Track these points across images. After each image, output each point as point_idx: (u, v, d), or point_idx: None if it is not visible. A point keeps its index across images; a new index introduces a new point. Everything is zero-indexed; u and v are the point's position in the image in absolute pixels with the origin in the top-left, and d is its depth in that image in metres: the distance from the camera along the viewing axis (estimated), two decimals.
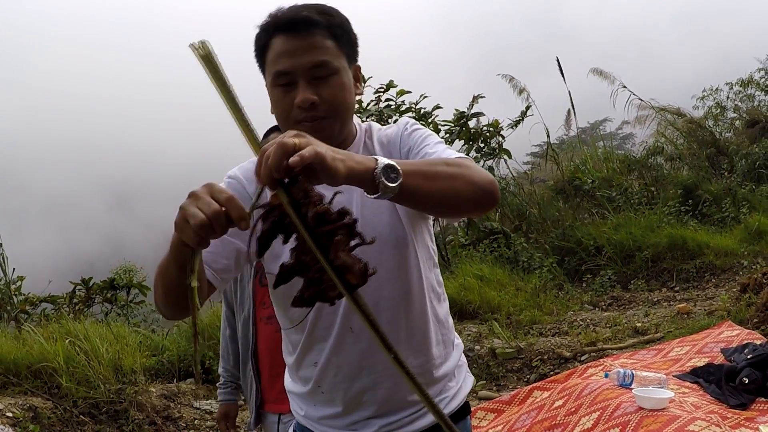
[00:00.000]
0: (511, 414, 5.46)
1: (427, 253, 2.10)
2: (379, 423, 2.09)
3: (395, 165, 1.52)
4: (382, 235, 1.96)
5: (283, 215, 1.29)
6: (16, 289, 9.91)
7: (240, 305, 3.54)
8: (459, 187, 1.70)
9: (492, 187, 1.78)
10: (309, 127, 1.87)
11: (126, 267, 11.67)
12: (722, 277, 9.69)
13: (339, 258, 1.26)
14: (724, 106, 16.12)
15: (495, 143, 12.20)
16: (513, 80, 14.82)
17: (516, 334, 8.28)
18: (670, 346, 6.46)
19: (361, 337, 2.01)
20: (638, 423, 4.33)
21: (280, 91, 1.93)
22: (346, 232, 1.28)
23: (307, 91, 1.89)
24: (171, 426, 7.09)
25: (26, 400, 6.54)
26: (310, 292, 1.31)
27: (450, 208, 1.78)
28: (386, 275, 1.98)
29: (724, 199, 11.84)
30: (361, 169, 1.47)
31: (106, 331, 7.76)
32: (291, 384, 2.26)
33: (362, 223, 1.94)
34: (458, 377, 2.23)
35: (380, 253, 1.95)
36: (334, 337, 2.04)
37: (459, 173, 1.72)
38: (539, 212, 12.69)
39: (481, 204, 1.80)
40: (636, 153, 15.84)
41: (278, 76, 1.92)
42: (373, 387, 2.06)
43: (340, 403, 2.09)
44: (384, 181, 1.49)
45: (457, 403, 2.19)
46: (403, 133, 2.07)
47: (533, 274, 10.33)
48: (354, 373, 2.05)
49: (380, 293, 1.99)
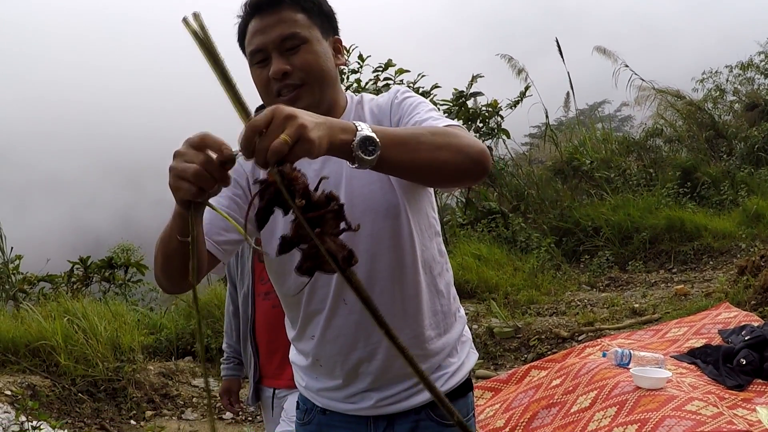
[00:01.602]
0: (508, 393, 5.47)
1: (425, 222, 2.08)
2: (376, 396, 2.09)
3: (373, 137, 1.50)
4: (374, 206, 1.96)
5: (279, 192, 1.29)
6: (14, 268, 9.93)
7: (240, 281, 3.55)
8: (445, 156, 1.68)
9: (481, 156, 1.74)
10: (288, 99, 1.91)
11: (124, 246, 11.67)
12: (720, 259, 9.70)
13: (325, 243, 1.26)
14: (723, 89, 16.08)
15: (494, 123, 12.20)
16: (512, 60, 14.78)
17: (514, 313, 8.30)
18: (667, 326, 6.47)
19: (354, 309, 2.01)
20: (636, 402, 4.33)
21: (257, 68, 1.98)
22: (333, 216, 1.28)
23: (279, 62, 1.92)
24: (169, 404, 7.11)
25: (25, 378, 6.55)
26: (308, 264, 1.31)
27: (436, 177, 1.76)
28: (379, 245, 1.98)
29: (723, 181, 11.83)
30: (338, 141, 1.46)
31: (105, 310, 7.78)
32: (294, 356, 2.28)
33: (352, 194, 1.94)
34: (461, 352, 2.21)
35: (373, 223, 1.96)
36: (328, 309, 2.04)
37: (445, 143, 1.69)
38: (537, 193, 12.68)
39: (469, 173, 1.76)
40: (635, 135, 15.81)
41: (253, 55, 1.97)
42: (369, 358, 2.06)
43: (339, 375, 2.10)
44: (360, 154, 1.49)
45: (457, 379, 2.17)
46: (394, 102, 2.06)
47: (531, 254, 10.35)
48: (349, 345, 2.06)
49: (373, 264, 1.98)
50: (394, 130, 1.70)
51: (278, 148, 1.27)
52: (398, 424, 2.12)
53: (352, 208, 1.87)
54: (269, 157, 1.27)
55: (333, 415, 2.18)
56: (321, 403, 2.19)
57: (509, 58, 14.83)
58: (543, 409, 4.92)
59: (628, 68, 15.41)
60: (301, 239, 1.30)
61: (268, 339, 3.42)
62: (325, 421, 2.20)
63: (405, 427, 2.12)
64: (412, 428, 2.12)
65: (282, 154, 1.28)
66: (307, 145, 1.34)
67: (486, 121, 12.13)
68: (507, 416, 5.06)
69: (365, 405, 2.11)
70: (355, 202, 1.94)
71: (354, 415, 2.14)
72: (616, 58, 15.62)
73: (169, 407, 7.08)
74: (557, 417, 4.77)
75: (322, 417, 2.21)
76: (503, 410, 5.18)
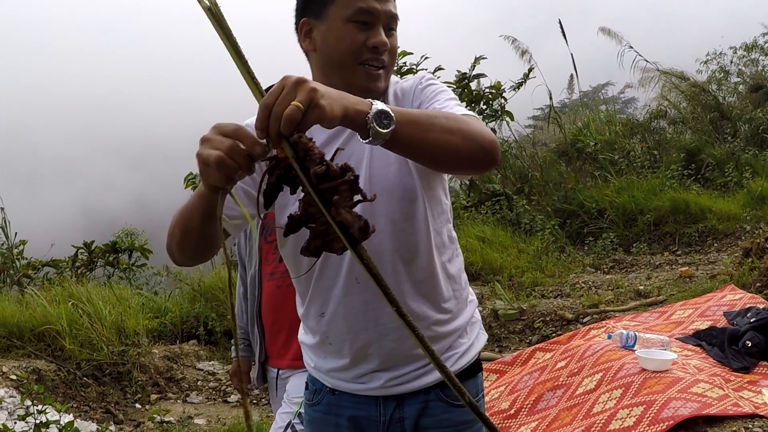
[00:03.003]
0: (513, 375, 5.48)
1: (438, 208, 2.08)
2: (386, 376, 2.10)
3: (388, 111, 1.51)
4: (391, 187, 1.97)
5: (289, 168, 1.29)
6: (18, 253, 9.94)
7: (249, 262, 3.57)
8: (455, 141, 1.68)
9: (491, 146, 1.75)
10: (372, 71, 1.97)
11: (128, 230, 11.68)
12: (724, 241, 9.67)
13: (340, 215, 1.25)
14: (727, 70, 16.00)
15: (497, 105, 12.17)
16: (515, 42, 14.72)
17: (518, 295, 8.29)
18: (672, 309, 6.47)
19: (366, 289, 2.01)
20: (641, 384, 4.33)
21: (355, 27, 1.96)
22: (347, 188, 1.27)
23: (385, 36, 1.98)
24: (174, 387, 7.12)
25: (30, 362, 6.57)
26: (316, 243, 1.31)
27: (445, 161, 1.75)
28: (393, 227, 1.98)
29: (727, 163, 11.77)
30: (353, 112, 1.46)
31: (109, 294, 7.80)
32: (303, 335, 2.28)
33: (371, 174, 1.96)
34: (470, 334, 2.21)
35: (388, 204, 1.96)
36: (339, 288, 2.04)
37: (457, 128, 1.69)
38: (541, 175, 12.64)
39: (478, 162, 1.76)
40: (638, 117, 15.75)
41: (361, 13, 1.95)
42: (378, 339, 2.06)
43: (348, 355, 2.10)
44: (375, 126, 1.49)
45: (466, 360, 2.17)
46: (417, 87, 2.07)
47: (535, 236, 10.32)
48: (359, 325, 2.06)
49: (386, 245, 1.99)
50: (409, 109, 1.72)
51: (292, 114, 1.28)
52: (408, 405, 2.12)
53: (370, 188, 1.88)
54: (283, 126, 1.28)
55: (342, 395, 2.18)
56: (330, 383, 2.19)
57: (513, 39, 14.78)
58: (548, 391, 4.92)
59: (632, 49, 15.34)
60: (310, 218, 1.30)
61: (272, 319, 3.42)
62: (335, 401, 2.20)
63: (414, 408, 2.12)
64: (422, 408, 2.12)
65: (296, 120, 1.28)
66: (318, 110, 1.34)
67: (489, 103, 12.09)
68: (512, 398, 5.07)
69: (374, 385, 2.11)
70: (373, 182, 1.95)
71: (363, 395, 2.14)
72: (621, 39, 15.55)
73: (174, 390, 7.09)
74: (562, 399, 4.77)
75: (331, 397, 2.21)
76: (508, 392, 5.19)
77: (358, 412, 2.16)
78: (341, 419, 2.19)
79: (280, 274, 3.32)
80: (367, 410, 2.15)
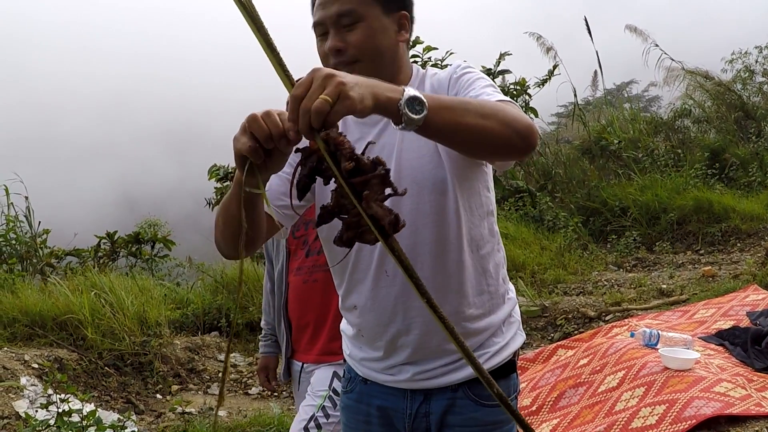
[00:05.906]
0: (535, 371, 5.47)
1: (477, 201, 2.06)
2: (413, 370, 2.11)
3: (421, 97, 1.50)
4: (420, 179, 1.97)
5: (321, 160, 1.29)
6: (41, 242, 10.00)
7: (276, 257, 3.59)
8: (491, 125, 1.64)
9: (528, 132, 1.71)
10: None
11: (150, 221, 11.74)
12: (747, 241, 9.61)
13: (371, 208, 1.25)
14: (752, 69, 15.88)
15: (522, 102, 12.14)
16: (540, 38, 14.68)
17: (540, 292, 8.27)
18: (695, 308, 6.44)
19: (395, 281, 2.02)
20: (664, 383, 4.32)
21: (318, 41, 2.02)
22: (379, 181, 1.27)
23: (334, 38, 1.97)
24: (195, 378, 7.15)
25: (52, 351, 6.60)
26: (348, 234, 1.31)
27: (480, 147, 1.73)
28: (423, 219, 1.98)
29: (751, 163, 11.69)
30: (384, 99, 1.46)
31: (131, 284, 7.82)
32: (343, 325, 2.32)
33: (402, 166, 1.96)
34: (506, 333, 2.19)
35: (418, 196, 1.97)
36: (369, 281, 2.07)
37: (492, 112, 1.66)
38: (565, 172, 12.63)
39: (514, 147, 1.71)
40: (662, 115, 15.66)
41: (314, 28, 2.02)
42: (407, 331, 2.07)
43: (380, 347, 2.13)
44: (407, 112, 1.48)
45: (499, 359, 2.15)
46: (453, 76, 2.05)
47: (558, 233, 10.31)
48: (388, 317, 2.07)
49: (416, 237, 1.99)
50: (442, 96, 1.72)
51: (320, 108, 1.29)
52: (434, 400, 2.13)
53: (399, 181, 1.87)
54: (312, 120, 1.29)
55: (373, 385, 2.22)
56: (362, 372, 2.23)
57: (538, 36, 14.74)
58: (570, 389, 4.91)
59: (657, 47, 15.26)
60: (342, 209, 1.30)
61: (299, 315, 3.43)
62: (366, 391, 2.24)
63: (441, 404, 2.13)
64: (449, 405, 2.12)
65: (324, 114, 1.29)
66: (347, 102, 1.34)
67: (514, 99, 12.07)
68: (534, 395, 5.06)
69: (402, 377, 2.13)
70: (402, 174, 1.96)
71: (392, 387, 2.17)
72: (647, 37, 15.47)
73: (195, 382, 7.12)
74: (584, 396, 4.76)
75: (363, 386, 2.25)
76: (530, 389, 5.18)
77: (387, 402, 2.18)
78: (371, 408, 2.22)
79: (307, 269, 3.33)
80: (395, 402, 2.17)
